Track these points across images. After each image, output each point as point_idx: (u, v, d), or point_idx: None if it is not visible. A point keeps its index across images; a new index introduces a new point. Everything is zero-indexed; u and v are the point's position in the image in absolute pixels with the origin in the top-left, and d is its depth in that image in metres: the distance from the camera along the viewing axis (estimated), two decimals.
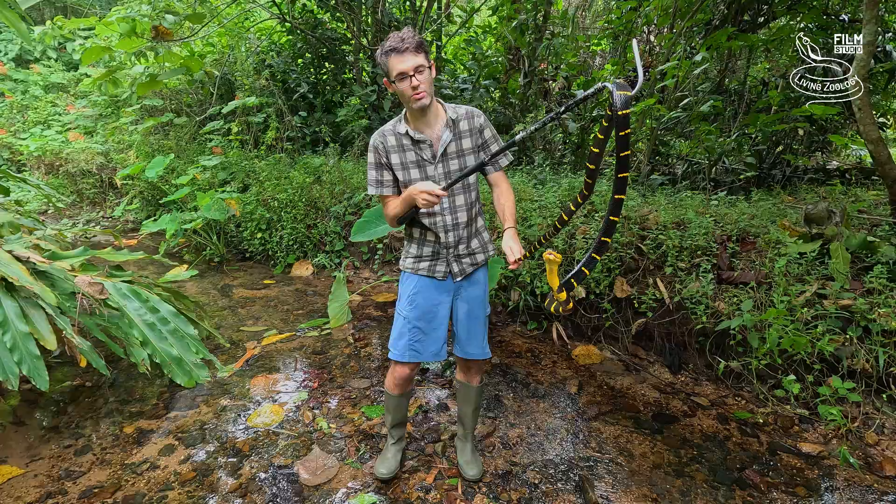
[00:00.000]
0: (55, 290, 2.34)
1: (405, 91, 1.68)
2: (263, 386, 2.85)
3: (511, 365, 3.13)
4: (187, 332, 2.90)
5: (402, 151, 1.83)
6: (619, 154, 1.19)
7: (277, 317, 3.87)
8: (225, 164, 5.77)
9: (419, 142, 1.81)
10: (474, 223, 1.96)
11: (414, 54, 1.65)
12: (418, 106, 1.71)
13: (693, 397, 2.81)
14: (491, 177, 1.93)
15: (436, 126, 1.81)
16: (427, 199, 1.64)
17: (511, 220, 1.83)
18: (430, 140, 1.80)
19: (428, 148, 1.81)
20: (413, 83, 1.66)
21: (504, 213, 1.86)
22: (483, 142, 1.87)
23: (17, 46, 9.56)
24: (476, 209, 1.95)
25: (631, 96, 1.13)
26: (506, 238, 1.76)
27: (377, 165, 1.87)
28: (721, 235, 3.21)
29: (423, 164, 1.83)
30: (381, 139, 1.84)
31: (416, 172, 1.84)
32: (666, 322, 3.12)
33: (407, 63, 1.64)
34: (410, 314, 1.95)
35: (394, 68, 1.66)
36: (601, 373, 3.07)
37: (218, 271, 5.03)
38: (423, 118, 1.79)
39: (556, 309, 1.52)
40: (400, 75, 1.66)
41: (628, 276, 3.30)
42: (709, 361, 2.98)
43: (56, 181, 7.83)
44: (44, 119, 8.58)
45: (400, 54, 1.64)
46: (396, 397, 2.08)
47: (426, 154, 1.82)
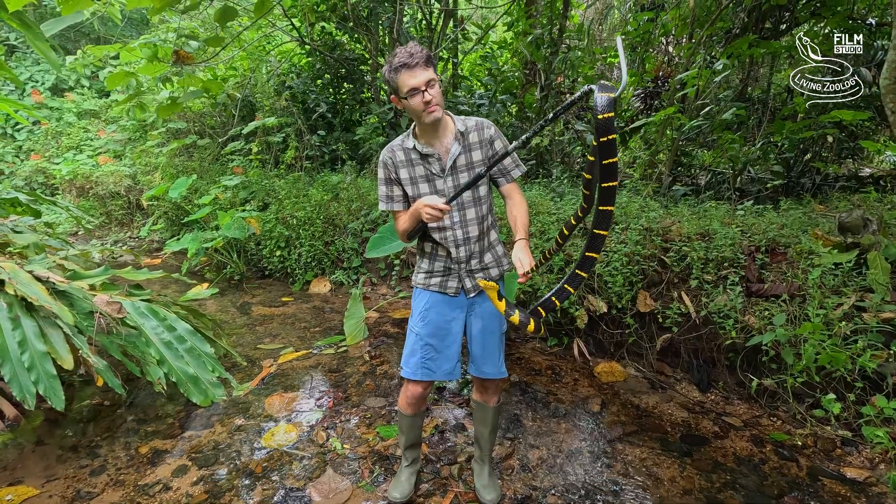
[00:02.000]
0: (74, 310, 2.37)
1: (417, 106, 1.65)
2: (278, 405, 2.82)
3: (531, 383, 3.03)
4: (204, 350, 2.91)
5: (410, 166, 1.80)
6: (601, 162, 1.12)
7: (294, 334, 3.86)
8: (245, 184, 5.86)
9: (427, 156, 1.77)
10: (486, 237, 1.90)
11: (424, 68, 1.62)
12: (431, 119, 1.67)
13: (724, 417, 2.67)
14: (504, 188, 1.88)
15: (444, 139, 1.78)
16: (431, 213, 1.60)
17: (523, 231, 1.77)
18: (438, 153, 1.77)
19: (437, 161, 1.78)
20: (426, 98, 1.63)
21: (516, 225, 1.80)
22: (494, 153, 1.82)
23: (53, 76, 10.00)
24: (488, 222, 1.90)
25: (613, 98, 1.06)
26: (516, 250, 1.70)
27: (387, 181, 1.84)
28: (749, 246, 3.07)
29: (432, 178, 1.80)
30: (390, 154, 1.82)
31: (426, 187, 1.80)
32: (693, 337, 2.99)
33: (419, 78, 1.62)
34: (422, 331, 1.90)
35: (405, 84, 1.63)
36: (625, 391, 2.94)
37: (238, 289, 5.07)
38: (434, 132, 1.75)
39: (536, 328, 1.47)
40: (412, 91, 1.63)
41: (651, 289, 3.19)
42: (740, 379, 2.83)
43: (87, 203, 8.09)
44: (76, 144, 8.92)
45: (411, 70, 1.61)
46: (410, 417, 2.02)
47: (435, 168, 1.78)
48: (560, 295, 1.33)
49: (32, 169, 8.65)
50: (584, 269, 1.26)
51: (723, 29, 4.87)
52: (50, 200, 4.69)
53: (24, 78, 9.96)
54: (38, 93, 9.53)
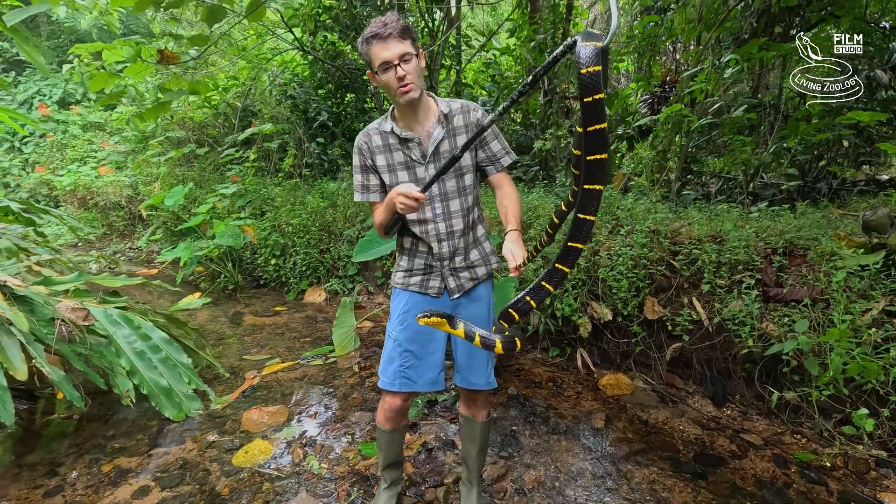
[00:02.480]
0: (34, 316, 2.21)
1: (390, 83, 1.48)
2: (257, 419, 2.62)
3: (530, 396, 2.80)
4: (180, 360, 2.74)
5: (388, 152, 1.63)
6: (586, 128, 0.91)
7: (283, 345, 3.68)
8: (242, 192, 5.75)
9: (407, 140, 1.60)
10: (472, 231, 1.72)
11: (399, 40, 1.45)
12: (406, 100, 1.50)
13: (742, 434, 2.42)
14: (493, 178, 1.69)
15: (426, 122, 1.60)
16: (405, 202, 1.41)
17: (515, 222, 1.58)
18: (418, 138, 1.59)
19: (417, 147, 1.60)
20: (399, 73, 1.46)
21: (507, 216, 1.61)
22: (482, 138, 1.64)
23: (61, 90, 10.09)
24: (474, 216, 1.71)
25: (600, 48, 0.86)
26: (507, 241, 1.51)
27: (362, 169, 1.67)
28: (765, 249, 2.85)
29: (412, 165, 1.62)
30: (366, 139, 1.65)
31: (405, 175, 1.62)
32: (705, 346, 2.75)
33: (391, 51, 1.44)
34: (401, 336, 1.70)
35: (377, 57, 1.46)
36: (632, 405, 2.71)
37: (231, 299, 4.91)
38: (413, 114, 1.58)
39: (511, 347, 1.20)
40: (384, 65, 1.46)
41: (659, 295, 2.97)
42: (759, 392, 2.58)
43: (89, 215, 8.05)
44: (81, 156, 8.93)
45: (383, 41, 1.44)
46: (388, 433, 1.81)
47: (415, 154, 1.61)
48: (537, 294, 1.12)
49: (37, 181, 8.66)
50: (565, 262, 1.04)
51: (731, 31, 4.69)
52: (43, 209, 4.59)
53: (31, 92, 10.06)
54: (44, 106, 9.60)
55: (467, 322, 1.20)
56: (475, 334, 1.16)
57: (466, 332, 1.18)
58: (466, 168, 1.63)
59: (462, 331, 1.18)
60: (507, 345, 1.13)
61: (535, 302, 1.13)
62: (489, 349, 1.15)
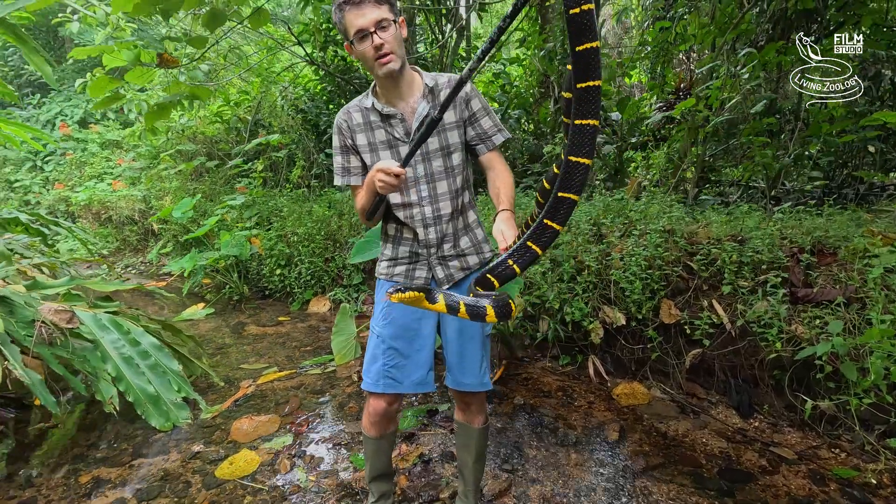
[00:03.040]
0: (14, 318, 2.12)
1: (367, 53, 1.36)
2: (246, 429, 2.48)
3: (537, 406, 2.61)
4: (170, 367, 2.62)
5: (369, 130, 1.50)
6: (575, 83, 0.76)
7: (283, 354, 3.55)
8: (250, 203, 5.72)
9: (389, 117, 1.47)
10: (462, 216, 1.57)
11: (374, 6, 1.33)
12: (385, 72, 1.38)
13: (773, 448, 2.19)
14: (484, 158, 1.55)
15: (410, 98, 1.47)
16: (383, 179, 1.27)
17: (507, 202, 1.43)
18: (401, 114, 1.46)
19: (400, 123, 1.47)
20: (375, 42, 1.34)
21: (499, 196, 1.46)
22: (471, 114, 1.51)
23: (81, 111, 10.36)
24: (464, 199, 1.57)
25: None
26: (497, 222, 1.36)
27: (342, 149, 1.55)
28: (790, 247, 2.64)
29: (394, 143, 1.49)
30: (345, 117, 1.53)
31: (388, 155, 1.50)
32: (728, 352, 2.54)
33: (367, 17, 1.32)
34: (385, 331, 1.56)
35: (351, 25, 1.34)
36: (649, 416, 2.49)
37: (235, 310, 4.83)
38: (395, 88, 1.45)
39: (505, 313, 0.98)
40: (359, 33, 1.34)
41: (676, 298, 2.77)
42: (790, 401, 2.35)
43: (104, 231, 8.15)
44: (98, 173, 9.09)
45: (356, 7, 1.33)
46: (374, 440, 1.65)
47: (398, 131, 1.48)
48: (521, 257, 0.93)
49: (55, 198, 8.82)
50: (556, 217, 0.87)
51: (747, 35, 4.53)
52: (52, 221, 4.59)
53: (54, 112, 10.35)
54: (65, 125, 9.85)
55: (448, 293, 1.00)
56: (459, 304, 0.95)
57: (448, 304, 0.97)
58: (454, 146, 1.49)
59: (443, 303, 0.98)
60: (501, 310, 0.91)
61: (520, 266, 0.95)
62: (479, 319, 0.94)
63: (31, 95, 10.93)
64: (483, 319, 0.94)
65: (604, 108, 5.77)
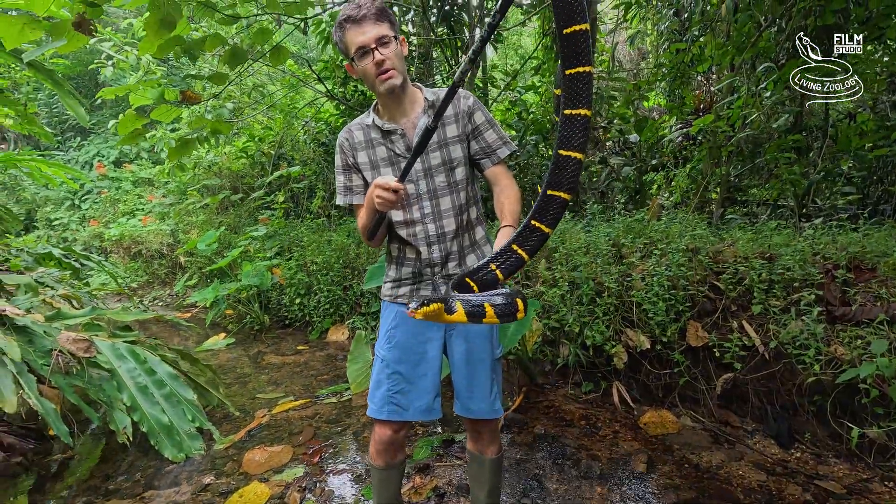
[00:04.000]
0: (33, 347, 2.15)
1: (368, 70, 1.36)
2: (258, 460, 2.42)
3: (559, 435, 2.48)
4: (185, 396, 2.61)
5: (370, 147, 1.49)
6: (563, 70, 0.72)
7: (300, 383, 3.51)
8: (271, 234, 5.83)
9: (389, 132, 1.46)
10: (468, 234, 1.53)
11: (375, 23, 1.34)
12: (386, 87, 1.37)
13: (818, 481, 2.01)
14: (489, 172, 1.51)
15: (412, 114, 1.46)
16: (381, 195, 1.25)
17: (511, 218, 1.38)
18: (402, 129, 1.45)
19: (401, 139, 1.46)
20: (376, 58, 1.34)
21: (503, 212, 1.42)
22: (475, 128, 1.48)
23: (117, 151, 10.89)
24: (470, 215, 1.53)
25: None
26: (500, 237, 1.31)
27: (344, 168, 1.54)
28: (824, 264, 2.50)
29: (395, 160, 1.47)
30: (347, 136, 1.52)
31: (389, 171, 1.48)
32: (762, 376, 2.38)
33: (367, 34, 1.33)
34: (389, 355, 1.51)
35: (352, 43, 1.35)
36: (679, 446, 2.33)
37: (256, 339, 4.85)
38: (397, 105, 1.45)
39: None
40: (360, 50, 1.34)
41: (703, 319, 2.63)
42: (834, 429, 2.17)
43: (134, 265, 8.41)
44: (131, 210, 9.45)
45: (358, 25, 1.34)
46: (380, 470, 1.58)
47: (399, 147, 1.46)
48: (505, 261, 0.85)
49: (91, 234, 9.18)
50: (544, 218, 0.80)
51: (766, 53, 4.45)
52: (84, 255, 4.75)
53: (92, 153, 10.91)
54: (101, 165, 10.34)
55: (463, 298, 0.88)
56: (483, 307, 0.83)
57: (467, 310, 0.85)
58: (457, 161, 1.47)
59: (462, 311, 0.85)
60: (504, 308, 0.80)
61: (504, 272, 0.88)
62: (478, 319, 0.83)
63: (72, 139, 11.57)
64: (480, 320, 0.85)
65: (622, 130, 5.71)
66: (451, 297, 0.88)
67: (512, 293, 0.82)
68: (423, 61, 6.20)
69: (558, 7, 0.74)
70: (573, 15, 0.74)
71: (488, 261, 0.90)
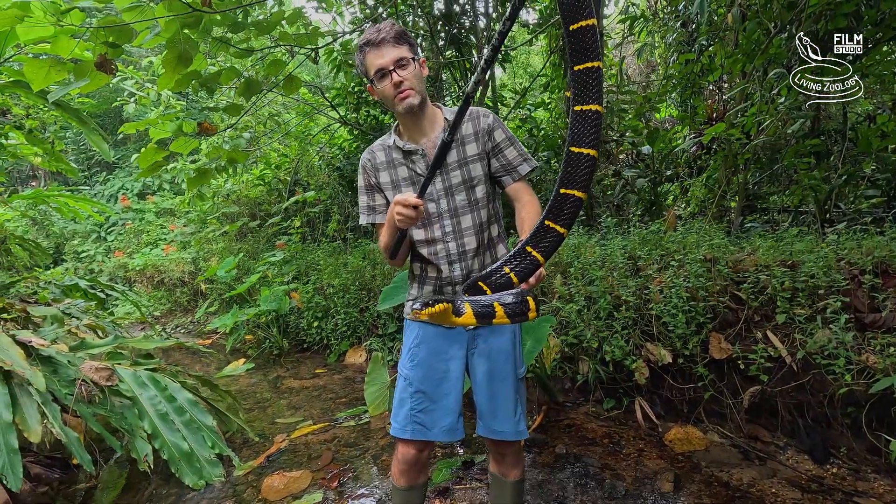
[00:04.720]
0: (57, 377, 2.20)
1: (387, 91, 1.40)
2: (277, 486, 2.41)
3: (582, 455, 2.42)
4: (205, 422, 2.63)
5: (392, 168, 1.52)
6: (572, 66, 0.72)
7: (318, 406, 3.50)
8: (288, 258, 5.91)
9: (410, 153, 1.48)
10: (491, 251, 1.53)
11: (394, 46, 1.38)
12: (405, 107, 1.40)
13: (857, 498, 1.91)
14: (510, 189, 1.51)
15: (432, 134, 1.49)
16: (401, 212, 1.27)
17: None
18: (423, 149, 1.47)
19: (421, 159, 1.48)
20: (395, 79, 1.37)
21: (523, 228, 1.42)
22: (495, 145, 1.49)
23: (140, 184, 11.24)
24: (492, 233, 1.53)
25: None
26: None
27: (367, 189, 1.57)
28: (850, 269, 2.42)
29: (416, 179, 1.49)
30: (370, 157, 1.56)
31: (410, 191, 1.49)
32: (791, 388, 2.30)
33: (386, 56, 1.37)
34: (412, 374, 1.50)
35: (371, 65, 1.39)
36: (707, 463, 2.25)
37: (275, 364, 4.87)
38: (416, 125, 1.47)
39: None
40: (379, 72, 1.38)
41: (726, 330, 2.57)
42: (871, 442, 2.08)
43: (157, 293, 8.59)
44: (154, 240, 9.70)
45: (377, 48, 1.38)
46: (402, 491, 1.55)
47: (420, 167, 1.48)
48: (519, 264, 0.84)
49: (115, 265, 9.43)
50: (558, 218, 0.78)
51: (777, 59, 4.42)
52: (108, 286, 4.88)
53: (117, 187, 11.27)
54: (125, 198, 10.66)
55: (472, 299, 0.87)
56: (478, 308, 0.83)
57: (476, 311, 0.84)
58: (478, 179, 1.48)
59: (471, 312, 0.85)
60: (515, 308, 0.79)
61: (518, 276, 0.86)
62: (487, 320, 0.81)
63: (98, 173, 11.99)
64: (489, 321, 0.84)
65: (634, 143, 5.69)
66: (460, 298, 0.87)
67: (522, 292, 0.81)
68: (432, 84, 6.30)
69: (563, 4, 0.75)
70: (579, 11, 0.74)
71: (501, 263, 0.89)
